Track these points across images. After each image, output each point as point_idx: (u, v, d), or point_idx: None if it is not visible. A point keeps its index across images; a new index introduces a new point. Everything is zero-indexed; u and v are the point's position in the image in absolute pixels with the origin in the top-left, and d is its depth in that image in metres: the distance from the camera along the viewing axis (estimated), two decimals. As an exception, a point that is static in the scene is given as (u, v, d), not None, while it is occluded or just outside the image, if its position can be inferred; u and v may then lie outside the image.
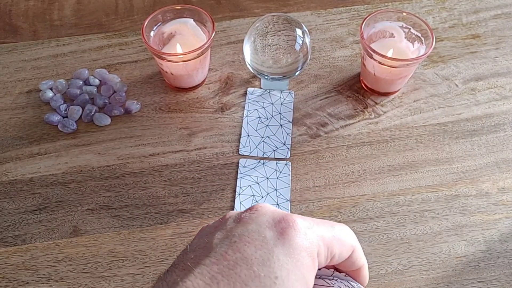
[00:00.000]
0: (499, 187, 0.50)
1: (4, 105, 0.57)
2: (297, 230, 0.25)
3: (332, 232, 0.27)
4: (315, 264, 0.26)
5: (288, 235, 0.25)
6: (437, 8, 0.66)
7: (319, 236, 0.26)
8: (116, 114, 0.55)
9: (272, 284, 0.23)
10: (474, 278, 0.44)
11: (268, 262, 0.24)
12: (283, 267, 0.24)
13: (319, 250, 0.26)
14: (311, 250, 0.25)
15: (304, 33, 0.53)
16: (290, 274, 0.24)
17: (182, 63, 0.53)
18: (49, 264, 0.46)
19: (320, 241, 0.26)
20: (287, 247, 0.25)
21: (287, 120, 0.55)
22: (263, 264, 0.24)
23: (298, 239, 0.25)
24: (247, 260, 0.24)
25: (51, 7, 0.68)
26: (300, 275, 0.24)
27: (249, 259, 0.24)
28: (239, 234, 0.25)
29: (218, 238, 0.26)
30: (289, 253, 0.24)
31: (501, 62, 0.60)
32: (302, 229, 0.26)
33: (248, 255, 0.24)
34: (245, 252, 0.24)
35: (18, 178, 0.51)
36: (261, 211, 0.27)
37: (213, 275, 0.23)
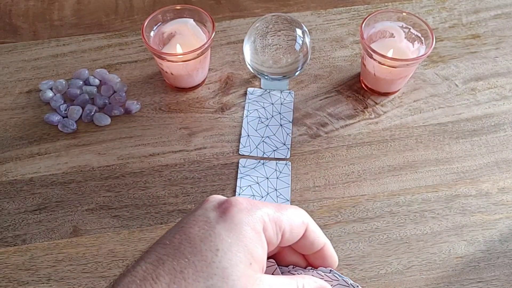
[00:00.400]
0: (499, 187, 0.50)
1: (4, 105, 0.57)
2: (239, 207, 0.27)
3: (278, 209, 0.29)
4: (261, 237, 0.27)
5: (229, 213, 0.26)
6: (437, 8, 0.66)
7: (263, 212, 0.27)
8: (116, 114, 0.55)
9: (213, 256, 0.25)
10: (474, 278, 0.44)
11: (209, 237, 0.25)
12: (224, 240, 0.25)
13: (264, 225, 0.27)
14: (254, 224, 0.27)
15: (304, 33, 0.53)
16: (232, 246, 0.25)
17: (182, 63, 0.53)
18: (49, 264, 0.46)
19: (265, 217, 0.27)
20: (229, 223, 0.26)
21: (287, 120, 0.55)
22: (205, 240, 0.25)
23: (239, 215, 0.26)
24: (191, 239, 0.25)
25: (51, 7, 0.68)
26: (242, 246, 0.26)
27: (192, 238, 0.25)
28: (187, 220, 0.27)
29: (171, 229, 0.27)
30: (231, 228, 0.26)
31: (501, 62, 0.60)
32: (244, 206, 0.27)
33: (192, 235, 0.26)
34: (190, 233, 0.26)
35: (18, 178, 0.51)
36: (209, 199, 0.28)
37: (160, 257, 0.25)
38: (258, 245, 0.27)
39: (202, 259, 0.25)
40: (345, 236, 0.47)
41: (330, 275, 0.31)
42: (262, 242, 0.27)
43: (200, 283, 0.24)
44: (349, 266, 0.45)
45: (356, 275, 0.45)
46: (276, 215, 0.28)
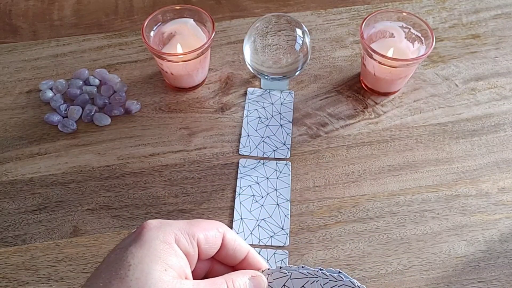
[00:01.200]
0: (499, 187, 0.50)
1: (4, 105, 0.57)
2: (148, 228, 0.29)
3: (190, 223, 0.31)
4: (173, 247, 0.29)
5: (140, 234, 0.29)
6: (437, 8, 0.66)
7: (174, 227, 0.30)
8: (116, 114, 0.55)
9: (126, 271, 0.27)
10: (474, 278, 0.44)
11: (122, 257, 0.27)
12: (135, 256, 0.27)
13: (176, 237, 0.29)
14: (164, 238, 0.29)
15: (304, 33, 0.53)
16: (143, 258, 0.27)
17: (182, 63, 0.53)
18: (49, 264, 0.46)
19: (175, 230, 0.29)
20: (139, 241, 0.28)
21: (287, 120, 0.55)
22: (119, 261, 0.27)
23: (149, 233, 0.29)
24: (107, 265, 0.28)
25: (51, 7, 0.68)
26: (154, 257, 0.27)
27: (108, 263, 0.28)
28: (108, 254, 0.29)
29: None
30: (141, 245, 0.28)
31: (501, 62, 0.60)
32: (154, 225, 0.29)
33: (109, 261, 0.28)
34: (107, 260, 0.28)
35: (18, 178, 0.51)
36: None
37: (84, 285, 0.28)
38: (171, 254, 0.28)
39: (117, 276, 0.27)
40: (345, 236, 0.47)
41: (335, 276, 0.31)
42: (176, 251, 0.29)
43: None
44: (349, 266, 0.45)
45: (356, 275, 0.45)
46: (187, 227, 0.30)
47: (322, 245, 0.46)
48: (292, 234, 0.47)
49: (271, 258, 0.45)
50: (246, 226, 0.47)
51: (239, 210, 0.48)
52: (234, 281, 0.30)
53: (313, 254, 0.46)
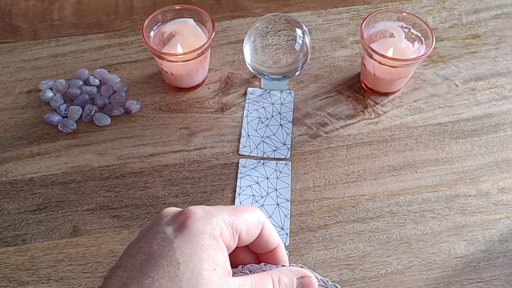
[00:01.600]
0: (499, 187, 0.50)
1: (4, 105, 0.57)
2: (194, 217, 0.27)
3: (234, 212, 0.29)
4: (219, 242, 0.27)
5: (185, 225, 0.27)
6: (437, 8, 0.66)
7: (219, 218, 0.28)
8: (116, 114, 0.55)
9: (176, 270, 0.25)
10: (474, 278, 0.44)
11: (169, 252, 0.25)
12: (184, 253, 0.25)
13: (221, 230, 0.28)
14: (211, 231, 0.27)
15: (304, 33, 0.53)
16: (193, 256, 0.26)
17: (182, 63, 0.53)
18: (49, 264, 0.46)
19: (220, 222, 0.28)
20: (186, 235, 0.26)
21: (287, 120, 0.55)
22: (165, 256, 0.25)
23: (195, 225, 0.27)
24: (151, 258, 0.25)
25: (51, 7, 0.68)
26: (204, 256, 0.26)
27: (152, 256, 0.26)
28: (145, 239, 0.27)
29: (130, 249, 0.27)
30: (188, 239, 0.26)
31: (501, 62, 0.60)
32: (199, 215, 0.27)
33: (152, 253, 0.26)
34: (149, 252, 0.26)
35: (18, 178, 0.51)
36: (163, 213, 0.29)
37: (124, 281, 0.25)
38: (218, 250, 0.27)
39: (165, 275, 0.25)
40: (345, 236, 0.47)
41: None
42: (221, 246, 0.27)
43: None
44: (349, 266, 0.45)
45: (356, 275, 0.45)
46: (232, 219, 0.28)
47: (322, 245, 0.46)
48: (292, 234, 0.47)
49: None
50: (246, 226, 0.47)
51: (239, 210, 0.48)
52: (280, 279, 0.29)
53: (313, 254, 0.46)
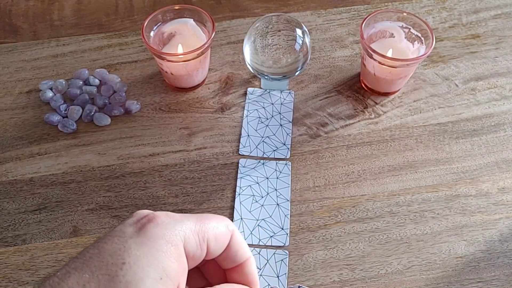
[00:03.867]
0: (499, 187, 0.50)
1: (4, 105, 0.57)
2: (156, 223, 0.26)
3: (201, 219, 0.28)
4: (179, 251, 0.26)
5: (145, 228, 0.26)
6: (437, 8, 0.66)
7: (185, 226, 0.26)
8: (116, 114, 0.55)
9: (118, 270, 0.24)
10: (474, 278, 0.44)
11: (118, 251, 0.24)
12: (132, 254, 0.24)
13: (185, 238, 0.26)
14: (171, 238, 0.26)
15: (304, 33, 0.53)
16: (140, 259, 0.24)
17: (182, 63, 0.53)
18: (49, 264, 0.46)
19: (185, 229, 0.26)
20: (142, 237, 0.25)
21: (287, 120, 0.55)
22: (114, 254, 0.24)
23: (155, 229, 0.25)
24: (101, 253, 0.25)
25: (51, 7, 0.68)
26: (153, 260, 0.24)
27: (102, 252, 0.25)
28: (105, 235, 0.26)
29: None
30: (143, 242, 0.25)
31: (501, 62, 0.60)
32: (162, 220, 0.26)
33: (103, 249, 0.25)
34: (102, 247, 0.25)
35: (18, 178, 0.51)
36: (134, 214, 0.27)
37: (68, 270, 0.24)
38: (174, 259, 0.25)
39: (107, 273, 0.24)
40: (345, 236, 0.47)
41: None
42: (180, 256, 0.26)
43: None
44: (349, 266, 0.45)
45: (356, 275, 0.45)
46: (198, 226, 0.27)
47: (322, 245, 0.46)
48: (292, 234, 0.47)
49: (271, 258, 0.45)
50: (246, 226, 0.47)
51: (239, 210, 0.48)
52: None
53: (313, 254, 0.46)
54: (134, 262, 0.24)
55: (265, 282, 0.44)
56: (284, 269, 0.45)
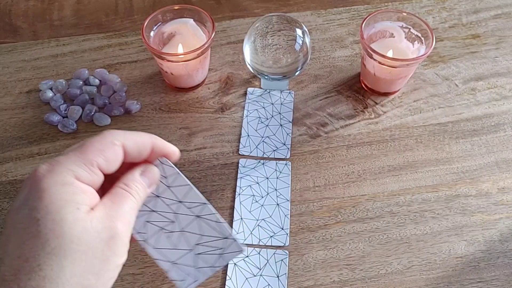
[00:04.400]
0: (499, 187, 0.50)
1: (4, 105, 0.57)
2: (41, 175, 0.27)
3: (80, 149, 0.29)
4: (76, 185, 0.27)
5: (35, 184, 0.27)
6: (437, 8, 0.66)
7: (68, 163, 0.28)
8: (116, 114, 0.55)
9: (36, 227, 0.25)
10: (474, 278, 0.44)
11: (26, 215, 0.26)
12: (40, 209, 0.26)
13: (75, 173, 0.28)
14: (62, 180, 0.27)
15: (304, 33, 0.53)
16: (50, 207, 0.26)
17: (182, 63, 0.53)
18: (49, 264, 0.45)
19: (71, 166, 0.28)
20: (37, 193, 0.26)
21: (287, 120, 0.55)
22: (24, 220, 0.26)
23: (44, 180, 0.27)
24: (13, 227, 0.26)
25: (51, 7, 0.68)
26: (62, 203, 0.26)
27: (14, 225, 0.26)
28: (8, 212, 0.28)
29: None
30: (40, 196, 0.26)
31: (501, 62, 0.60)
32: (44, 170, 0.27)
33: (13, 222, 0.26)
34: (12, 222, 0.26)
35: (18, 178, 0.51)
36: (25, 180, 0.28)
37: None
38: (76, 193, 0.27)
39: (29, 236, 0.25)
40: (345, 236, 0.47)
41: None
42: (80, 188, 0.28)
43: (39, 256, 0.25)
44: (349, 266, 0.45)
45: (356, 275, 0.45)
46: (81, 157, 0.28)
47: (322, 245, 0.46)
48: (292, 234, 0.47)
49: (271, 258, 0.45)
50: (246, 226, 0.47)
51: (239, 210, 0.48)
52: (128, 185, 0.30)
53: (313, 254, 0.46)
54: (46, 213, 0.26)
55: (265, 282, 0.44)
56: (284, 269, 0.45)
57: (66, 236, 0.25)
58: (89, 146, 0.29)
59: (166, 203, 0.33)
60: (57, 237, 0.25)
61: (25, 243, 0.25)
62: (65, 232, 0.25)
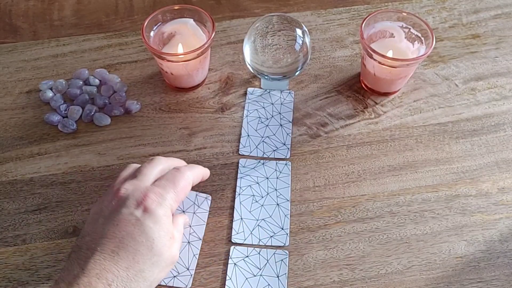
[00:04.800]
0: (499, 187, 0.50)
1: (4, 105, 0.57)
2: (154, 204, 0.39)
3: (175, 188, 0.41)
4: (171, 216, 0.41)
5: (150, 210, 0.39)
6: (437, 8, 0.66)
7: (170, 200, 0.41)
8: (116, 114, 0.55)
9: (151, 244, 0.38)
10: (474, 278, 0.44)
11: (144, 231, 0.38)
12: (155, 231, 0.38)
13: (172, 207, 0.41)
14: (167, 212, 0.40)
15: (304, 33, 0.53)
16: (160, 233, 0.39)
17: (182, 63, 0.53)
18: (49, 264, 0.46)
19: (172, 202, 0.41)
20: (152, 217, 0.39)
21: (287, 120, 0.55)
22: (142, 234, 0.38)
23: (157, 209, 0.39)
24: (131, 235, 0.38)
25: (51, 7, 0.68)
26: (166, 231, 0.39)
27: (131, 234, 0.38)
28: (118, 218, 0.38)
29: (102, 223, 0.39)
30: (155, 221, 0.39)
31: (501, 62, 0.60)
32: (157, 201, 0.40)
33: (130, 231, 0.38)
34: (127, 230, 0.38)
35: (18, 178, 0.51)
36: (124, 195, 0.40)
37: (112, 249, 0.37)
38: (170, 222, 0.40)
39: (146, 247, 0.38)
40: (345, 236, 0.47)
41: None
42: (171, 218, 0.41)
43: (147, 262, 0.37)
44: (349, 266, 0.45)
45: (356, 275, 0.45)
46: (176, 196, 0.41)
47: (322, 245, 0.46)
48: (292, 234, 0.47)
49: (271, 258, 0.45)
50: (246, 226, 0.47)
51: (239, 210, 0.48)
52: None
53: (313, 254, 0.46)
54: (157, 236, 0.38)
55: (265, 282, 0.44)
56: (284, 269, 0.45)
57: (163, 255, 0.39)
58: (181, 187, 0.42)
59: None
60: (159, 255, 0.38)
61: (140, 250, 0.37)
62: (163, 253, 0.39)
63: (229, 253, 0.46)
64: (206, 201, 0.49)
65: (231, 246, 0.46)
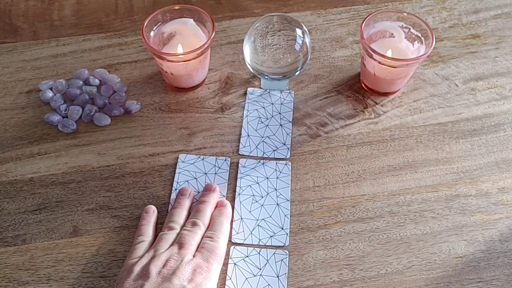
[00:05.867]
0: (499, 187, 0.50)
1: (4, 105, 0.57)
2: (202, 278, 0.40)
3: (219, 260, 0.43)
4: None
5: (197, 282, 0.40)
6: (437, 8, 0.66)
7: (216, 272, 0.42)
8: (116, 114, 0.55)
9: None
10: (474, 278, 0.44)
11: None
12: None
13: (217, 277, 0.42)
14: (213, 285, 0.41)
15: (304, 33, 0.53)
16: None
17: (182, 63, 0.53)
18: (49, 264, 0.46)
19: (215, 273, 0.42)
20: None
21: (287, 120, 0.55)
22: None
23: (205, 283, 0.40)
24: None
25: (51, 7, 0.68)
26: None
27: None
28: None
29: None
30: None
31: (501, 62, 0.60)
32: (206, 277, 0.41)
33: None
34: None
35: (18, 178, 0.51)
36: (174, 267, 0.40)
37: None
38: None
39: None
40: (345, 236, 0.47)
41: None
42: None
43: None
44: (349, 266, 0.45)
45: (356, 275, 0.45)
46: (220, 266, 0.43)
47: (322, 245, 0.46)
48: (292, 234, 0.47)
49: (271, 258, 0.45)
50: (246, 226, 0.47)
51: (239, 210, 0.48)
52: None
53: (313, 254, 0.46)
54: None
55: (265, 282, 0.44)
56: (284, 269, 0.45)
57: None
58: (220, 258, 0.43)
59: None
60: None
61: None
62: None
63: (229, 253, 0.46)
64: (225, 163, 0.51)
65: (231, 246, 0.46)
